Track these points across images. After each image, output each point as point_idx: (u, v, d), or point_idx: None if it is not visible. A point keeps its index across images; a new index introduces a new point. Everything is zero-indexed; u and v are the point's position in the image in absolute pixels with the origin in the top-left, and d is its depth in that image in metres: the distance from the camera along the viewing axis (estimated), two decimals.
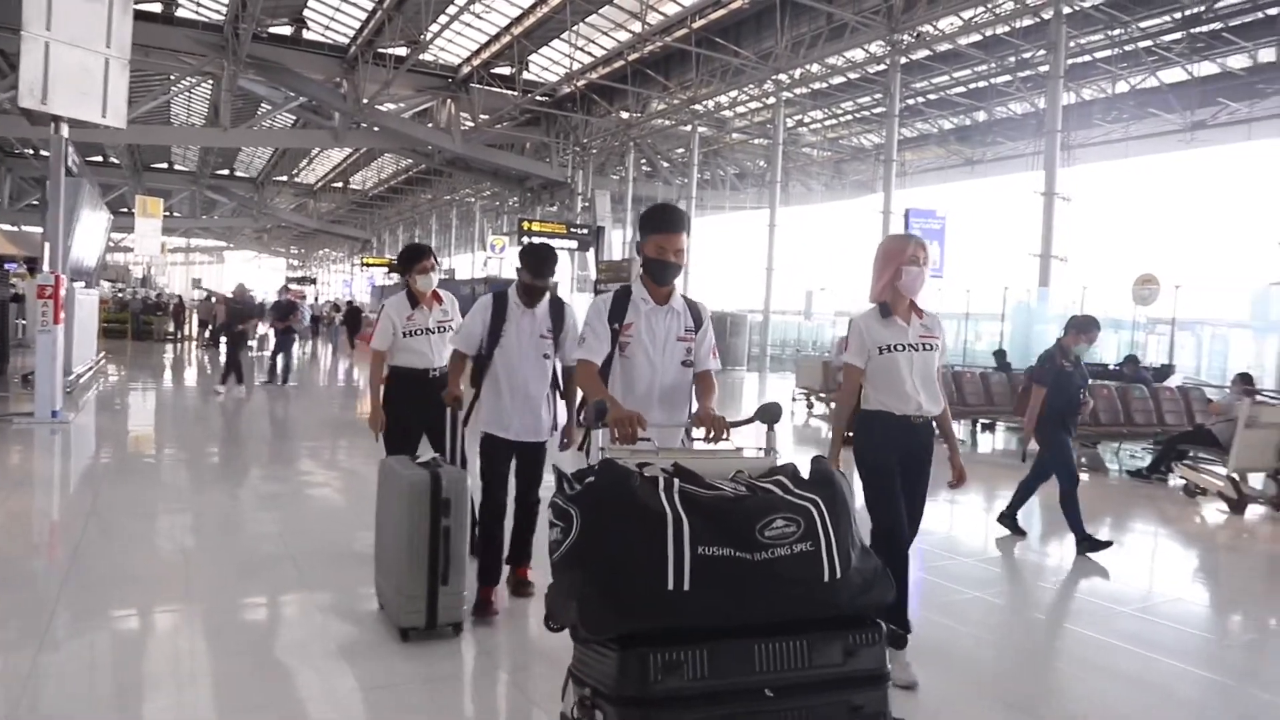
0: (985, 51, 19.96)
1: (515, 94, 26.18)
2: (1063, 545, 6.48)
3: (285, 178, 48.33)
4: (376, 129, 29.24)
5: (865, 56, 21.36)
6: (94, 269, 18.72)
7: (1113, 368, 13.62)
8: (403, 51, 24.83)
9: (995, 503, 7.60)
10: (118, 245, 41.74)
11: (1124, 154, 22.06)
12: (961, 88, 23.19)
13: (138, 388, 15.95)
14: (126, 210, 36.79)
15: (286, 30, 25.34)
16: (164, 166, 44.91)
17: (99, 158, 39.95)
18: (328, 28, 25.49)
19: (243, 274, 65.56)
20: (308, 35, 25.76)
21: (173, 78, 27.17)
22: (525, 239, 28.38)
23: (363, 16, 24.02)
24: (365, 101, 26.15)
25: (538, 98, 27.21)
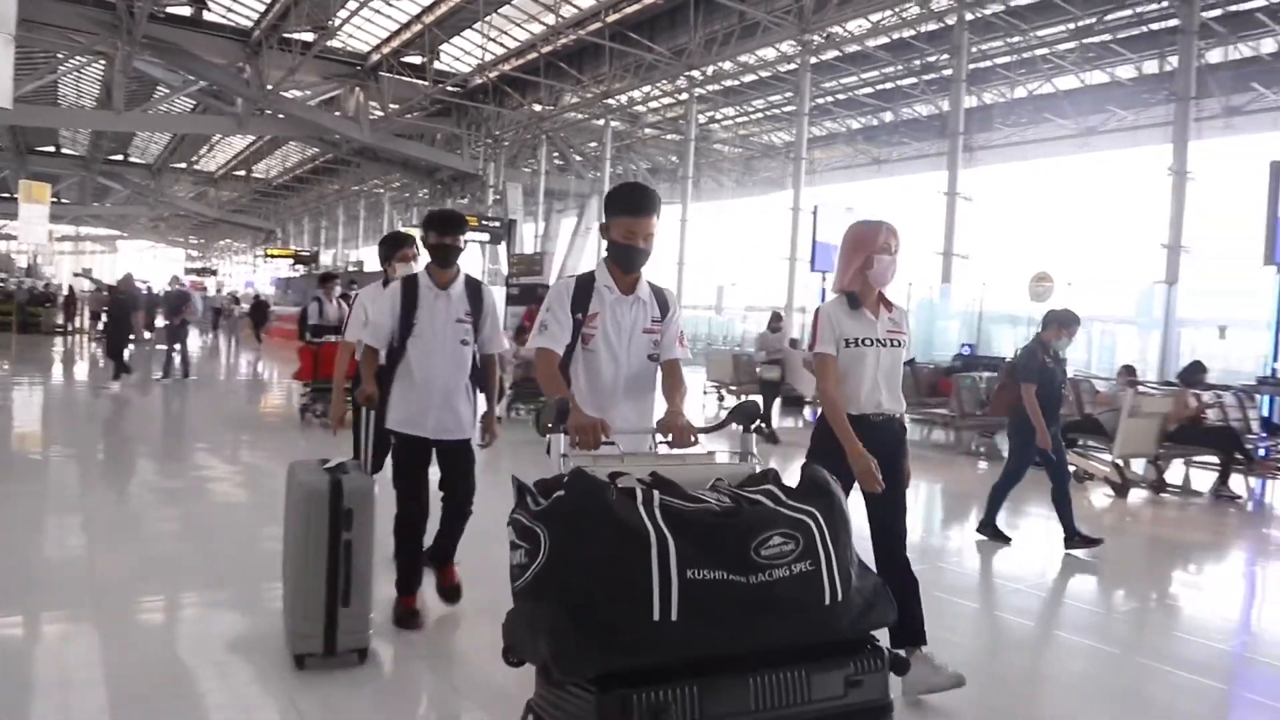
0: (892, 54, 20.14)
1: (426, 84, 25.31)
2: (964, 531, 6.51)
3: (184, 164, 45.82)
4: (281, 116, 27.91)
5: (776, 55, 21.36)
6: None
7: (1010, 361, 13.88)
8: (309, 37, 23.67)
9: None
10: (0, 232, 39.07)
11: (1022, 156, 22.58)
12: (869, 89, 23.35)
13: (23, 383, 14.79)
14: (9, 195, 34.35)
15: (186, 11, 23.87)
16: (51, 150, 42.08)
17: None
18: (230, 10, 24.11)
19: (138, 264, 62.37)
20: (208, 17, 24.31)
21: (60, 55, 25.39)
22: None
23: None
24: (270, 88, 24.88)
25: (449, 88, 26.37)
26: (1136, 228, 14.76)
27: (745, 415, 2.51)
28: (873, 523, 3.43)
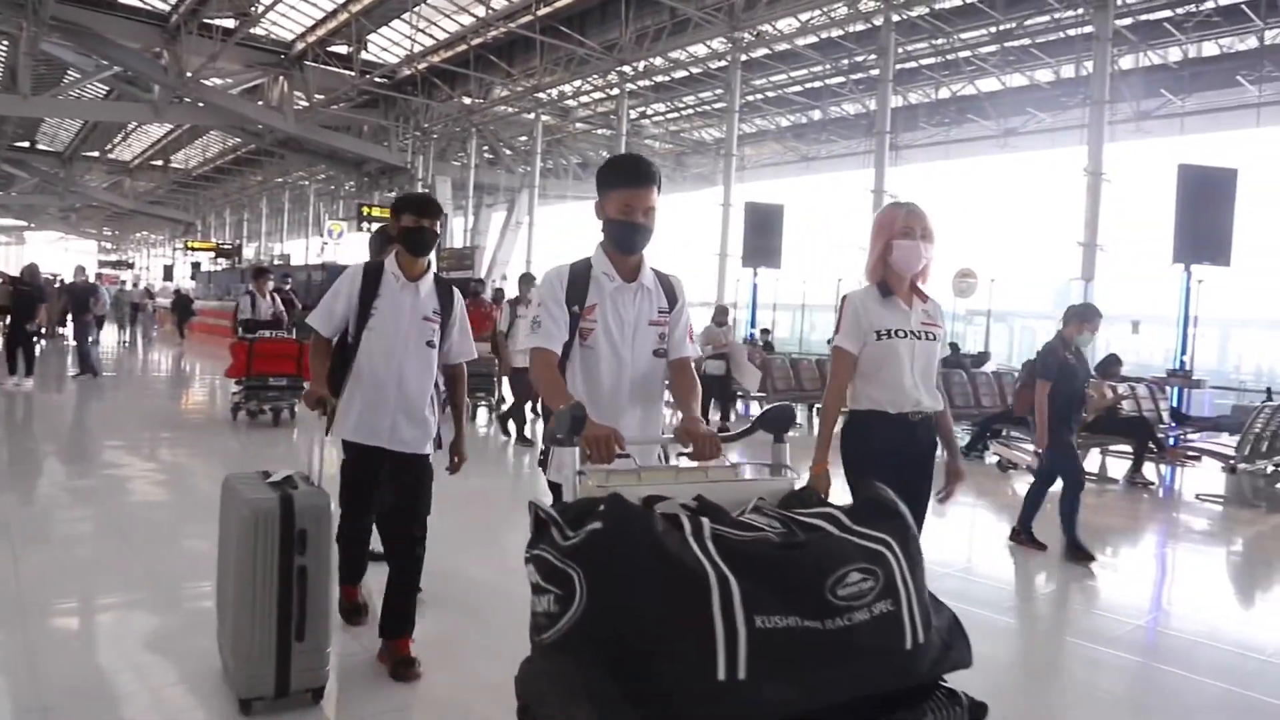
0: (821, 53, 20.12)
1: (352, 74, 24.40)
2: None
3: (97, 153, 43.41)
4: (201, 104, 26.52)
5: (707, 52, 21.16)
6: None
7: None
8: (231, 24, 22.57)
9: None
10: None
11: (945, 156, 22.80)
12: (798, 87, 23.30)
13: None
14: None
15: None
16: None
17: None
18: None
19: (48, 257, 59.02)
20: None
21: None
22: (366, 225, 26.73)
23: None
24: (189, 75, 23.58)
25: (376, 79, 25.46)
26: (1055, 226, 14.99)
27: (777, 422, 2.15)
28: None
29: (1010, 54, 18.71)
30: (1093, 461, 9.66)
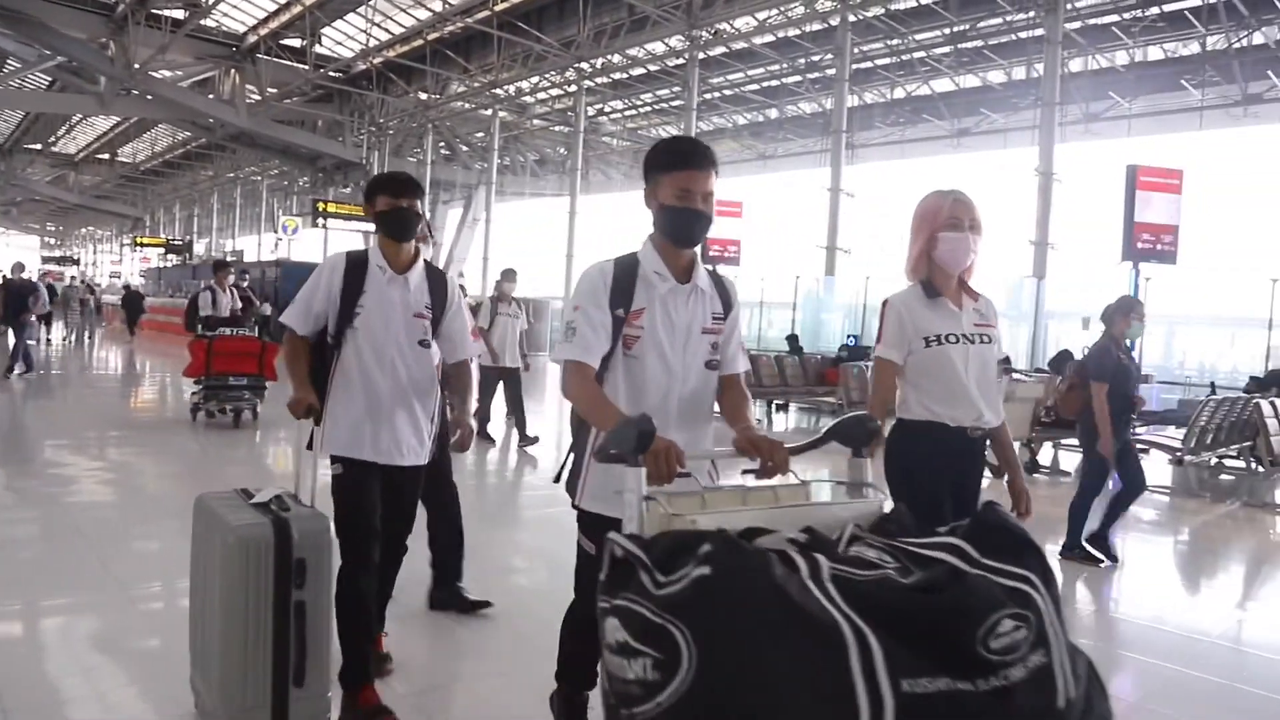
0: (778, 52, 19.98)
1: (306, 68, 23.60)
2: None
3: (39, 145, 41.68)
4: (150, 97, 25.50)
5: (665, 50, 20.95)
6: None
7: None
8: (181, 14, 21.67)
9: None
10: None
11: (901, 155, 22.79)
12: (755, 85, 23.13)
13: None
14: None
15: None
16: None
17: None
18: None
19: None
20: None
21: None
22: (321, 221, 25.93)
23: None
24: (137, 66, 22.56)
25: (331, 73, 24.76)
26: (1007, 225, 15.00)
27: (855, 434, 1.83)
28: None
29: (964, 55, 18.78)
30: (1045, 455, 9.63)
